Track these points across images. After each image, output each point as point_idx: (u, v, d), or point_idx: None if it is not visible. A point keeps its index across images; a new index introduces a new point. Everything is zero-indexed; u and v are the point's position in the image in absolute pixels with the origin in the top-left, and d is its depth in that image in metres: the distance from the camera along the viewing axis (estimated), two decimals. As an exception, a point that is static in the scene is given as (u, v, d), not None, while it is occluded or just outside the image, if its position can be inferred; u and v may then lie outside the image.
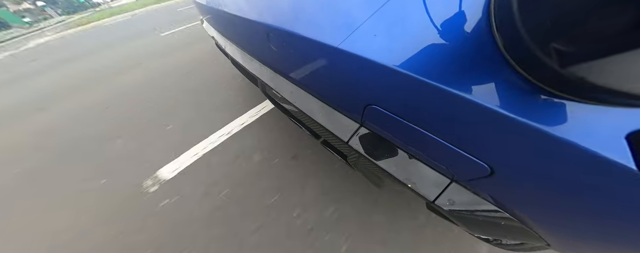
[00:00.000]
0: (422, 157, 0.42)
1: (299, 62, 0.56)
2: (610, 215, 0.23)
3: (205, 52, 2.83)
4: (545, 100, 0.22)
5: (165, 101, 1.91)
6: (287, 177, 1.09)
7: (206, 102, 1.75)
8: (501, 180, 0.32)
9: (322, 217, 0.93)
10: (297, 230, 0.90)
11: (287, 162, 1.16)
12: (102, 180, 1.28)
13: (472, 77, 0.27)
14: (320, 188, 1.03)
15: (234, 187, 1.09)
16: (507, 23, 0.21)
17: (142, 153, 1.41)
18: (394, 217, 0.90)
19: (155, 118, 1.71)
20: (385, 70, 0.34)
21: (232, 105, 1.65)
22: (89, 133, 1.72)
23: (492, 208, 0.38)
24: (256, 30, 0.64)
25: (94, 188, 1.23)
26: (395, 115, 0.39)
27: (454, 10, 0.29)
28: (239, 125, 1.45)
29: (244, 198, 1.04)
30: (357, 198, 0.97)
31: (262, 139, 1.32)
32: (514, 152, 0.27)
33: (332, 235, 0.88)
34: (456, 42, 0.28)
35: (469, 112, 0.28)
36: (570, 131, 0.21)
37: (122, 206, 1.11)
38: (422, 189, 0.45)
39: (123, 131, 1.65)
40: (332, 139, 0.63)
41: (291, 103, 0.68)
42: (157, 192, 1.15)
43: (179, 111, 1.73)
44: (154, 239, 0.96)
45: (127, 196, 1.16)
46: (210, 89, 1.94)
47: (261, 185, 1.08)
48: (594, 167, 0.21)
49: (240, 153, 1.25)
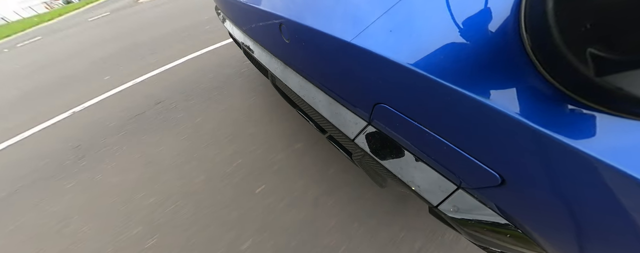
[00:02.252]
0: (430, 160, 0.40)
1: (309, 56, 0.54)
2: (635, 239, 0.22)
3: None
4: (573, 110, 0.20)
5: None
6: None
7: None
8: (511, 191, 0.30)
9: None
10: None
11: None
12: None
13: (492, 80, 0.25)
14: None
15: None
16: (539, 23, 0.19)
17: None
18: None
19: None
20: (398, 68, 0.32)
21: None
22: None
23: (497, 218, 0.36)
24: (269, 21, 0.62)
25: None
26: (404, 115, 0.38)
27: (479, 7, 0.27)
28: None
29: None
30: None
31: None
32: (530, 164, 0.25)
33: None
34: (478, 41, 0.26)
35: (485, 117, 0.26)
36: (598, 147, 0.19)
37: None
38: (426, 193, 0.44)
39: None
40: (338, 135, 0.63)
41: (299, 96, 0.67)
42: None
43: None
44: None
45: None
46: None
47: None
48: (623, 189, 0.19)
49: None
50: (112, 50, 3.37)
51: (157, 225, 1.04)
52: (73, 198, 1.28)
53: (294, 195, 1.00)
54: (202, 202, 1.07)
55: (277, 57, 0.75)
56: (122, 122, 1.75)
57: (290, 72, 0.69)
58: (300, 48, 0.55)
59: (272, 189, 1.05)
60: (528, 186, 0.28)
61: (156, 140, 1.49)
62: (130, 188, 1.23)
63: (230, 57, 2.13)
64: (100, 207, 1.18)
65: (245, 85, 1.73)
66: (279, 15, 0.55)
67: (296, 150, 1.19)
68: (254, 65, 1.13)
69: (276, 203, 1.00)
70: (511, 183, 0.29)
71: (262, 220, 0.96)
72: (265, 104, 1.52)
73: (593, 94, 0.18)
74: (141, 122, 1.69)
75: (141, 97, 1.98)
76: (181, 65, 2.29)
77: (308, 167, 1.09)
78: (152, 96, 1.93)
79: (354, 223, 0.88)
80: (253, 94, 1.62)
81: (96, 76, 2.68)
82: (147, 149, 1.45)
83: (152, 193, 1.17)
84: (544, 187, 0.26)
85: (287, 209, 0.97)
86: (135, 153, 1.44)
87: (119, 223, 1.08)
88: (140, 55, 2.81)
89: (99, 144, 1.60)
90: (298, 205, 0.97)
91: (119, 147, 1.53)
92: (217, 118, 1.52)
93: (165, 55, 2.62)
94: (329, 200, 0.97)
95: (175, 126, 1.55)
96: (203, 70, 2.08)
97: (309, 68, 0.59)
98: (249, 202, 1.03)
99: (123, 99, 2.04)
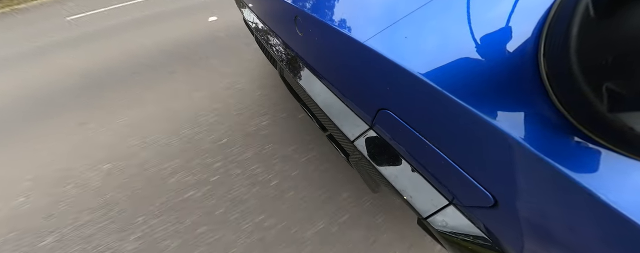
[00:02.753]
0: (426, 172, 0.40)
1: (321, 52, 0.54)
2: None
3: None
4: (579, 143, 0.20)
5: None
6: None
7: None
8: (502, 214, 0.30)
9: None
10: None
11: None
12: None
13: (501, 101, 0.25)
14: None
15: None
16: (559, 49, 0.18)
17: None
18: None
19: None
20: (408, 76, 0.32)
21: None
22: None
23: (484, 238, 0.36)
24: (284, 12, 0.62)
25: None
26: (407, 124, 0.37)
27: (500, 24, 0.26)
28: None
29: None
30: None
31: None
32: (527, 190, 0.25)
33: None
34: (493, 60, 0.25)
35: (488, 137, 0.26)
36: (598, 183, 0.19)
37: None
38: (418, 204, 0.44)
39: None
40: (338, 135, 0.62)
41: (305, 91, 0.67)
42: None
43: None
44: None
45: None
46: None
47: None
48: (618, 228, 0.19)
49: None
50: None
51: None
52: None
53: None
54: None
55: (288, 49, 0.74)
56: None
57: (300, 65, 0.69)
58: (312, 43, 0.55)
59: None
60: (520, 211, 0.27)
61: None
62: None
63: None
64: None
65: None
66: (296, 7, 0.55)
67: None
68: (264, 54, 1.12)
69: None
70: (503, 206, 0.29)
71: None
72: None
73: (602, 129, 0.18)
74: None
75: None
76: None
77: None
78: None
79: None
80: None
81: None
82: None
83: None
84: (537, 214, 0.25)
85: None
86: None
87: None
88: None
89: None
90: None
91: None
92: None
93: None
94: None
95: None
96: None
97: (318, 64, 0.58)
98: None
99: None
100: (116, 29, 2.56)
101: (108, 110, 1.50)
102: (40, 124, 1.49)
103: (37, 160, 1.25)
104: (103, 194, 1.06)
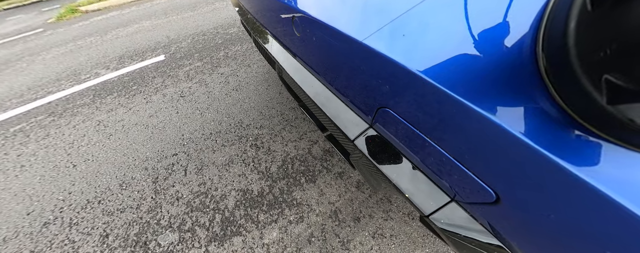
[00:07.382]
0: (427, 170, 0.40)
1: (318, 51, 0.54)
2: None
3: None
4: (579, 136, 0.20)
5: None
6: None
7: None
8: (504, 210, 0.30)
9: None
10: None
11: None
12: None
13: (501, 96, 0.24)
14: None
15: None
16: (557, 43, 0.18)
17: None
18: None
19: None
20: (407, 74, 0.32)
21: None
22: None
23: (486, 234, 0.36)
24: (282, 12, 0.62)
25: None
26: (407, 122, 0.37)
27: (497, 20, 0.26)
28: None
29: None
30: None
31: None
32: (528, 186, 0.25)
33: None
34: (491, 55, 0.25)
35: (488, 133, 0.26)
36: (599, 177, 0.19)
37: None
38: (419, 202, 0.44)
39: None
40: (338, 135, 0.62)
41: (304, 91, 0.67)
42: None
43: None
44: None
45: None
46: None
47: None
48: (620, 221, 0.19)
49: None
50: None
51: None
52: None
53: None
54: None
55: (286, 50, 0.74)
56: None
57: (298, 66, 0.69)
58: (310, 43, 0.55)
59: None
60: (522, 207, 0.27)
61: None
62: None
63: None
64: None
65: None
66: (293, 7, 0.55)
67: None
68: (262, 55, 1.12)
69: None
70: (505, 203, 0.29)
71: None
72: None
73: (602, 122, 0.18)
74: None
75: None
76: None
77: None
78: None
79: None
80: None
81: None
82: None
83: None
84: (539, 209, 0.25)
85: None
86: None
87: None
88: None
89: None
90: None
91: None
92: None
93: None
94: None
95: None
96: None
97: (316, 64, 0.58)
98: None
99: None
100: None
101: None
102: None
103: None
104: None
